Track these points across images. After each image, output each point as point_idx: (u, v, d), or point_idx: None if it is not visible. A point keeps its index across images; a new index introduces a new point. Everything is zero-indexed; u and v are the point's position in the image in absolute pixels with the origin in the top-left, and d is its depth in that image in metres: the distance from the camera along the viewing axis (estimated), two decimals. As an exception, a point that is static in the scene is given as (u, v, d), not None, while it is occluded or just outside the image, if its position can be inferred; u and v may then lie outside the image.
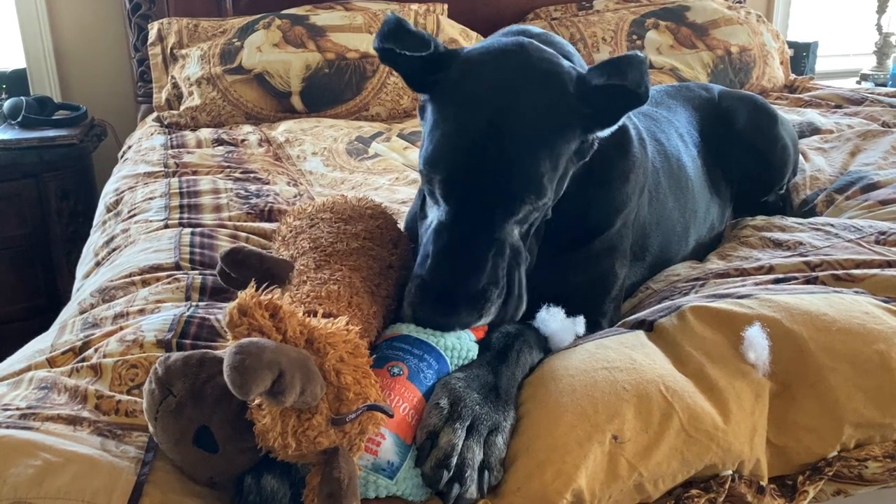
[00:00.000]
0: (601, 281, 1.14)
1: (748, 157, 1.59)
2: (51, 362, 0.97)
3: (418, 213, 1.04)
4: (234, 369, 0.67)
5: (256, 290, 0.76)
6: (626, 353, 0.93)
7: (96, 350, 0.96)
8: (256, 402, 0.75)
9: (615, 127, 1.02)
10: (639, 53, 0.95)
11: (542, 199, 0.95)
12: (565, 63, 1.01)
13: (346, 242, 1.04)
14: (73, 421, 0.83)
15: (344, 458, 0.74)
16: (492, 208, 0.94)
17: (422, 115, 1.06)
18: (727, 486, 0.86)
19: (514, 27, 1.17)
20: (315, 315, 0.82)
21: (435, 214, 0.98)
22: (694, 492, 0.86)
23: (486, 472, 0.81)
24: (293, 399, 0.70)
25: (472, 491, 0.79)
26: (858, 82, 3.42)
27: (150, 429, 0.79)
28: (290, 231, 1.11)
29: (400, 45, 0.97)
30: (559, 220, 1.06)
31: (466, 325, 0.93)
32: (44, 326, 1.18)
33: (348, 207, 1.14)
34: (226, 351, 0.69)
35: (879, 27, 3.46)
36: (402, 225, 1.23)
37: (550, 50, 1.03)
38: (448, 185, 0.95)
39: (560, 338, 0.99)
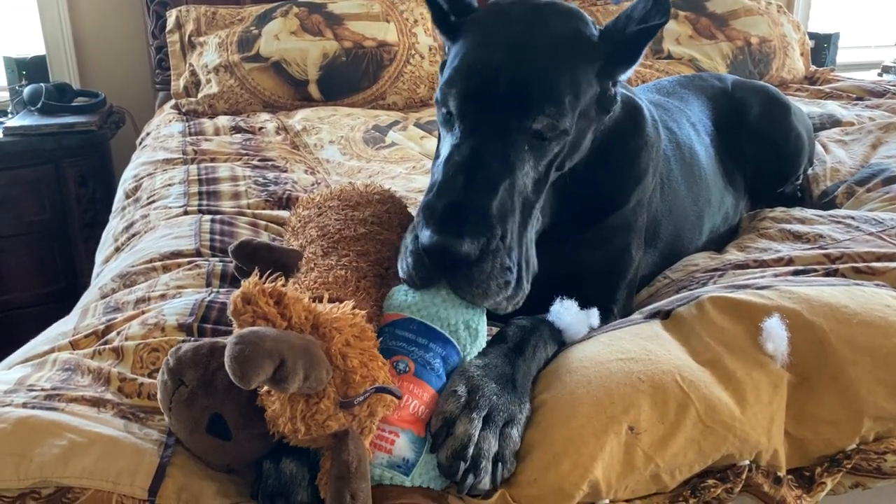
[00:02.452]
0: (616, 262, 1.13)
1: (762, 148, 1.58)
2: (74, 345, 0.98)
3: (434, 155, 1.04)
4: (234, 360, 0.67)
5: (262, 278, 0.76)
6: (641, 343, 0.93)
7: (118, 333, 0.98)
8: (265, 388, 0.75)
9: (636, 65, 1.02)
10: None
11: (561, 120, 0.91)
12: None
13: (354, 228, 1.04)
14: (96, 403, 0.84)
15: (353, 440, 0.75)
16: (507, 120, 0.90)
17: (442, 70, 1.05)
18: (744, 476, 0.86)
19: None
20: (321, 300, 0.82)
21: (449, 143, 0.95)
22: (711, 482, 0.86)
23: (500, 465, 0.81)
24: (297, 385, 0.71)
25: (486, 482, 0.79)
26: (880, 74, 3.37)
27: (166, 419, 0.80)
28: (300, 221, 1.12)
29: None
30: (573, 195, 1.05)
31: (468, 256, 0.84)
32: (62, 311, 1.19)
33: (356, 194, 1.14)
34: (228, 341, 0.70)
35: (902, 18, 3.42)
36: (414, 210, 1.22)
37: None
38: (463, 101, 0.93)
39: (574, 330, 0.98)
